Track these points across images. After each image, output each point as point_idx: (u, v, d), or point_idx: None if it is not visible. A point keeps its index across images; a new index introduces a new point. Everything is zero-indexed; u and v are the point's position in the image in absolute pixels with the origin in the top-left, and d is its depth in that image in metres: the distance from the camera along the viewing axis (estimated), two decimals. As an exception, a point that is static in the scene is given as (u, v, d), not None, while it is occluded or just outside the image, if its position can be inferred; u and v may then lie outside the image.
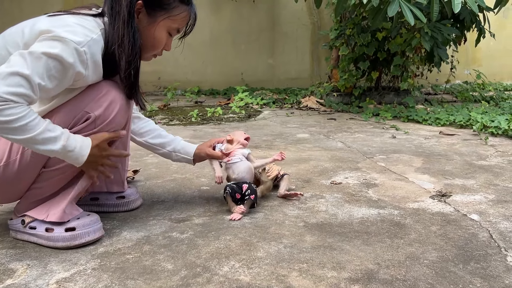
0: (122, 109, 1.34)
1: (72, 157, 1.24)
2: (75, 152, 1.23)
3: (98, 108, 1.29)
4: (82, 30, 1.21)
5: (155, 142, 1.66)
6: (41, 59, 1.14)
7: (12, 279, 1.13)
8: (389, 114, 3.86)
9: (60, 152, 1.21)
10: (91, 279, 1.12)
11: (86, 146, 1.26)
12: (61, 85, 1.21)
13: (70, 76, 1.20)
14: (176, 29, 1.39)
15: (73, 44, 1.17)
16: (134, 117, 1.66)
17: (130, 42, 1.28)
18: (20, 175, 1.29)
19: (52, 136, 1.19)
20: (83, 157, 1.25)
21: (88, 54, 1.21)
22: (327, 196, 1.76)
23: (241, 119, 3.90)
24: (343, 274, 1.14)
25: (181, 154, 1.66)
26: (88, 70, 1.23)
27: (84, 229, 1.31)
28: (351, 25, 4.34)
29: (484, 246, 1.30)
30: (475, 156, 2.43)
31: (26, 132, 1.14)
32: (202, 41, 6.16)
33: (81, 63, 1.20)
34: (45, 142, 1.18)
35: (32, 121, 1.15)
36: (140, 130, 1.66)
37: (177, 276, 1.13)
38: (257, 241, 1.34)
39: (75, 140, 1.24)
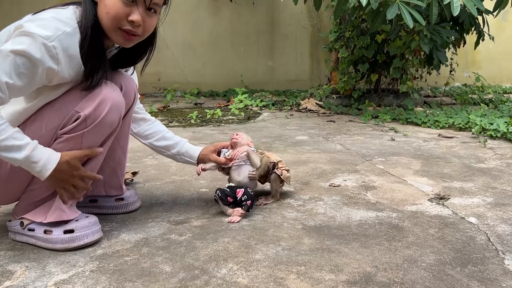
0: (114, 108, 1.30)
1: (35, 169, 1.21)
2: (39, 165, 1.20)
3: (88, 107, 1.26)
4: (55, 24, 1.18)
5: (160, 145, 1.67)
6: (8, 57, 1.12)
7: (10, 281, 1.13)
8: (388, 116, 3.87)
9: (24, 162, 1.18)
10: (89, 281, 1.12)
11: (53, 160, 1.23)
12: (33, 82, 1.17)
13: (40, 72, 1.16)
14: None
15: (41, 39, 1.14)
16: (140, 119, 1.65)
17: (85, 18, 1.23)
18: (13, 175, 1.28)
19: (16, 144, 1.16)
20: (47, 170, 1.22)
21: (59, 49, 1.17)
22: (325, 199, 1.76)
23: (241, 121, 3.91)
24: (341, 276, 1.14)
25: (185, 157, 1.67)
26: (61, 66, 1.19)
27: (83, 231, 1.31)
28: (351, 28, 4.35)
29: (482, 249, 1.30)
30: (473, 159, 2.43)
31: None
32: (201, 42, 6.18)
33: (51, 58, 1.16)
34: (9, 150, 1.15)
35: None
36: (145, 133, 1.66)
37: (175, 279, 1.13)
38: (255, 243, 1.34)
39: (41, 152, 1.21)
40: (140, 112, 1.65)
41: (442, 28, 4.03)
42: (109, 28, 1.25)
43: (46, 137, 1.27)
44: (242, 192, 1.56)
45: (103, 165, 1.55)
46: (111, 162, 1.57)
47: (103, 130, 1.32)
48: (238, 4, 6.18)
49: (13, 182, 1.31)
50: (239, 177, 1.61)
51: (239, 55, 6.36)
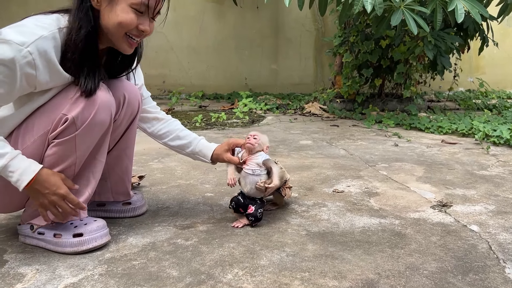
0: (102, 107, 1.29)
1: (12, 178, 1.21)
2: (16, 174, 1.21)
3: (75, 109, 1.26)
4: (32, 30, 1.18)
5: (174, 145, 1.65)
6: None
7: (22, 283, 1.16)
8: (391, 121, 3.89)
9: (1, 171, 1.20)
10: (98, 284, 1.15)
11: (31, 171, 1.23)
12: (14, 89, 1.18)
13: (19, 79, 1.17)
14: (141, 4, 1.26)
15: (16, 46, 1.14)
16: (152, 118, 1.64)
17: (78, 25, 1.23)
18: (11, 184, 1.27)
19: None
20: (23, 181, 1.22)
21: (35, 54, 1.16)
22: (329, 205, 1.79)
23: (245, 124, 3.93)
24: (344, 283, 1.17)
25: (200, 156, 1.65)
26: (39, 71, 1.19)
27: (91, 234, 1.34)
28: (355, 32, 4.37)
29: (483, 258, 1.32)
30: (476, 165, 2.45)
31: None
32: (206, 46, 6.22)
33: (27, 64, 1.16)
34: None
35: None
36: (159, 132, 1.64)
37: (182, 283, 1.16)
38: (260, 249, 1.37)
39: (20, 162, 1.22)
40: (153, 112, 1.64)
41: (446, 34, 4.05)
42: (117, 36, 1.28)
43: (39, 142, 1.28)
44: (252, 210, 1.54)
45: (110, 173, 1.58)
46: (118, 171, 1.59)
47: (94, 131, 1.31)
48: (242, 9, 6.22)
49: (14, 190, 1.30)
50: (245, 188, 1.56)
51: (243, 59, 6.39)
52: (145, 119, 1.64)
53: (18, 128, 1.28)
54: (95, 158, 1.40)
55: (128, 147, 1.58)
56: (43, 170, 1.26)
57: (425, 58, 4.30)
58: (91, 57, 1.28)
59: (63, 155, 1.29)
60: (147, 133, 1.67)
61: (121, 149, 1.56)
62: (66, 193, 1.29)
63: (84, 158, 1.35)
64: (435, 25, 3.45)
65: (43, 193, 1.27)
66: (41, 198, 1.28)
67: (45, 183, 1.26)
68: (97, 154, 1.39)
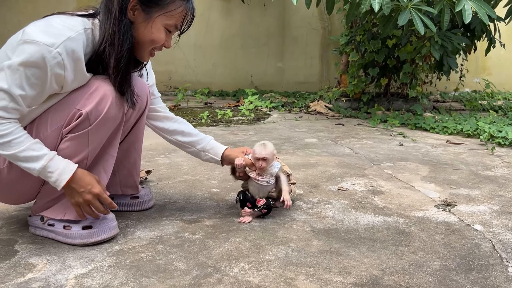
0: (115, 103, 1.32)
1: (51, 178, 1.27)
2: (55, 174, 1.26)
3: (89, 104, 1.29)
4: (60, 31, 1.21)
5: (185, 141, 1.66)
6: (18, 71, 1.18)
7: (32, 273, 1.19)
8: (397, 121, 3.90)
9: (41, 172, 1.25)
10: (107, 275, 1.18)
11: (68, 171, 1.28)
12: (44, 90, 1.23)
13: (49, 79, 1.21)
14: (173, 26, 1.37)
15: (46, 47, 1.18)
16: (163, 117, 1.66)
17: (119, 40, 1.29)
18: (25, 175, 1.32)
19: (34, 155, 1.23)
20: (63, 180, 1.27)
21: (64, 54, 1.20)
22: (334, 202, 1.80)
23: (250, 122, 3.95)
24: (348, 279, 1.19)
25: (210, 154, 1.65)
26: (67, 71, 1.23)
27: (100, 227, 1.36)
28: (362, 32, 4.38)
29: (486, 257, 1.33)
30: (481, 166, 2.46)
31: (9, 149, 1.21)
32: (212, 43, 6.24)
33: (57, 65, 1.20)
34: (27, 160, 1.23)
35: (17, 138, 1.21)
36: (169, 128, 1.66)
37: (189, 276, 1.18)
38: (265, 244, 1.39)
39: (58, 163, 1.27)
40: (162, 111, 1.67)
41: (453, 35, 4.05)
42: (144, 48, 1.37)
43: (52, 137, 1.31)
44: (263, 202, 1.57)
45: (119, 167, 1.61)
46: (127, 164, 1.62)
47: (107, 126, 1.35)
48: (249, 7, 6.23)
49: (27, 183, 1.35)
50: (257, 195, 1.60)
51: (249, 57, 6.40)
52: (155, 117, 1.66)
53: (32, 122, 1.31)
54: (106, 152, 1.42)
55: (137, 141, 1.60)
56: (78, 169, 1.31)
57: (432, 58, 4.30)
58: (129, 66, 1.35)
59: (76, 150, 1.32)
60: (157, 130, 1.68)
61: (130, 142, 1.59)
62: (100, 192, 1.33)
63: (96, 152, 1.38)
64: (442, 26, 3.46)
65: (78, 192, 1.31)
66: (77, 196, 1.32)
67: (80, 182, 1.30)
68: (109, 149, 1.42)
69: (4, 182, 1.33)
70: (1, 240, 1.39)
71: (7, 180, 1.33)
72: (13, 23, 5.51)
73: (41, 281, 1.14)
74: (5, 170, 1.31)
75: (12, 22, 5.59)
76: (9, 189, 1.36)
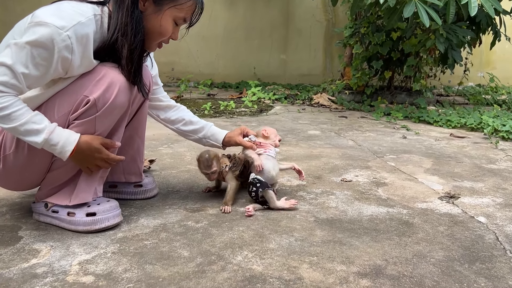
0: (122, 90, 1.33)
1: (55, 151, 1.27)
2: (58, 146, 1.26)
3: (97, 91, 1.29)
4: (70, 15, 1.21)
5: (187, 129, 1.70)
6: (24, 49, 1.17)
7: (37, 258, 1.19)
8: (400, 114, 3.88)
9: (43, 145, 1.24)
10: (111, 262, 1.18)
11: (72, 141, 1.28)
12: (49, 72, 1.22)
13: (55, 61, 1.20)
14: (182, 18, 1.37)
15: (56, 29, 1.17)
16: (165, 106, 1.69)
17: (132, 30, 1.29)
18: (31, 162, 1.33)
19: (35, 128, 1.22)
20: (67, 152, 1.27)
21: (73, 39, 1.20)
22: (337, 193, 1.80)
23: (253, 113, 3.95)
24: (352, 268, 1.19)
25: (211, 141, 1.70)
26: (74, 55, 1.22)
27: (104, 214, 1.36)
28: (366, 24, 4.35)
29: (490, 248, 1.33)
30: (484, 159, 2.45)
31: (9, 122, 1.20)
32: (215, 35, 6.22)
33: (65, 48, 1.20)
34: (28, 134, 1.22)
35: (16, 111, 1.19)
36: (171, 118, 1.69)
37: (193, 263, 1.18)
38: (269, 233, 1.39)
39: (60, 135, 1.26)
40: (164, 100, 1.69)
41: (458, 27, 4.02)
42: (152, 40, 1.38)
43: (59, 123, 1.31)
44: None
45: (123, 153, 1.60)
46: (130, 151, 1.62)
47: (114, 112, 1.35)
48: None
49: (32, 168, 1.35)
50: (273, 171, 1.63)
51: (253, 49, 6.38)
52: (157, 107, 1.68)
53: (39, 107, 1.30)
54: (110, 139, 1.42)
55: (139, 127, 1.60)
56: (82, 138, 1.30)
57: (436, 52, 4.27)
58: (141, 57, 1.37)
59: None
60: (159, 119, 1.71)
61: (133, 129, 1.58)
62: (106, 156, 1.37)
63: None
64: (448, 18, 3.43)
65: (86, 160, 1.34)
66: (84, 163, 1.35)
67: (86, 151, 1.31)
68: (114, 136, 1.42)
69: (9, 168, 1.33)
70: (5, 226, 1.40)
71: (12, 166, 1.33)
72: (16, 12, 5.49)
73: (45, 266, 1.15)
74: (11, 156, 1.31)
75: (15, 11, 5.58)
76: (14, 175, 1.36)
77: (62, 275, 1.11)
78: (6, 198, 1.64)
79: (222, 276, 1.12)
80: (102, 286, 1.06)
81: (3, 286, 1.05)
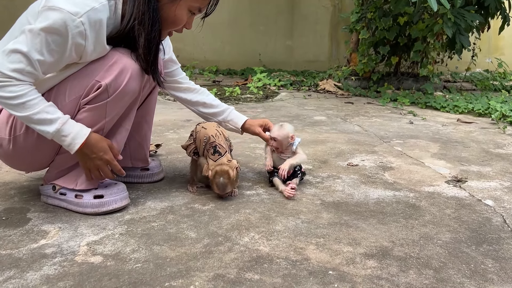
0: (134, 76, 1.33)
1: (65, 142, 1.26)
2: (68, 138, 1.26)
3: (109, 76, 1.29)
4: (84, 1, 1.19)
5: (207, 112, 1.70)
6: (39, 36, 1.16)
7: (45, 239, 1.20)
8: (407, 100, 3.85)
9: (54, 135, 1.24)
10: (119, 243, 1.19)
11: (82, 135, 1.27)
12: (63, 57, 1.22)
13: (69, 47, 1.20)
14: (197, 8, 1.36)
15: (69, 15, 1.16)
16: (184, 89, 1.68)
17: (150, 19, 1.28)
18: (40, 143, 1.33)
19: (48, 118, 1.22)
20: (76, 144, 1.27)
21: (87, 24, 1.19)
22: (343, 177, 1.80)
23: (259, 99, 3.93)
24: (358, 249, 1.19)
25: (230, 125, 1.71)
26: (88, 41, 1.22)
27: (112, 196, 1.37)
28: (373, 9, 4.29)
29: (497, 230, 1.33)
30: (492, 144, 2.43)
31: (23, 110, 1.20)
32: (221, 21, 6.16)
33: (79, 34, 1.19)
34: (41, 123, 1.22)
35: (31, 100, 1.20)
36: (192, 100, 1.69)
37: (200, 244, 1.19)
38: (275, 215, 1.39)
39: (72, 126, 1.26)
40: (183, 82, 1.68)
41: (466, 12, 3.96)
42: (166, 28, 1.36)
43: (70, 106, 1.31)
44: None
45: (130, 139, 1.61)
46: (137, 137, 1.62)
47: (125, 98, 1.34)
48: (259, -17, 6.13)
49: (41, 150, 1.36)
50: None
51: (258, 35, 6.33)
52: (177, 89, 1.68)
53: (50, 91, 1.30)
54: (121, 125, 1.42)
55: (148, 114, 1.60)
56: (92, 134, 1.30)
57: (444, 36, 4.22)
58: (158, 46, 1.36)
59: (93, 121, 1.32)
60: (180, 100, 1.71)
61: (142, 115, 1.59)
62: (110, 159, 1.35)
63: (112, 124, 1.38)
64: (456, 2, 3.38)
65: (90, 157, 1.32)
66: (88, 161, 1.33)
67: (93, 148, 1.31)
68: (124, 122, 1.42)
69: (19, 149, 1.34)
70: (13, 208, 1.41)
71: (22, 147, 1.33)
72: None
73: (54, 247, 1.16)
74: (21, 137, 1.31)
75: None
76: (24, 156, 1.36)
77: (71, 255, 1.12)
78: (14, 181, 1.65)
79: (229, 257, 1.12)
80: (110, 266, 1.07)
81: (13, 265, 1.07)
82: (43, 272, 1.04)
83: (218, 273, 1.05)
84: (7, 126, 1.30)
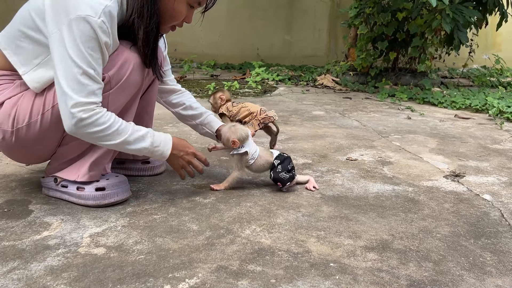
0: (136, 68, 1.34)
1: (158, 152, 1.36)
2: (161, 147, 1.36)
3: (112, 68, 1.29)
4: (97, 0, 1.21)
5: (186, 114, 1.70)
6: (82, 52, 1.18)
7: (48, 231, 1.21)
8: (405, 95, 3.87)
9: (149, 148, 1.33)
10: (121, 235, 1.20)
11: (168, 140, 1.39)
12: (104, 60, 1.25)
13: (103, 48, 1.23)
14: (197, 2, 1.36)
15: (93, 19, 1.18)
16: (170, 90, 1.68)
17: (148, 12, 1.29)
18: (43, 136, 1.33)
19: (140, 134, 1.32)
20: (168, 150, 1.38)
21: (106, 22, 1.21)
22: (342, 171, 1.81)
23: (257, 94, 3.94)
24: (359, 242, 1.20)
25: (206, 128, 1.70)
26: (110, 37, 1.24)
27: (113, 189, 1.38)
28: (372, 4, 4.30)
29: (495, 224, 1.35)
30: (489, 140, 2.45)
31: (118, 137, 1.27)
32: (219, 15, 6.14)
33: (104, 34, 1.21)
34: (137, 141, 1.30)
35: (121, 125, 1.28)
36: (173, 101, 1.69)
37: (202, 236, 1.20)
38: (276, 208, 1.41)
39: (158, 135, 1.37)
40: (170, 84, 1.68)
41: (465, 8, 3.97)
42: (165, 22, 1.37)
43: None
44: None
45: None
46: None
47: (127, 90, 1.35)
48: (257, -24, 6.11)
49: (42, 143, 1.36)
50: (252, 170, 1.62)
51: (256, 29, 6.32)
52: (162, 90, 1.68)
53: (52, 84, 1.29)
54: (123, 117, 1.42)
55: (149, 105, 1.60)
56: (172, 137, 1.42)
57: (442, 32, 4.23)
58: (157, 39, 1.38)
59: None
60: (161, 101, 1.72)
61: (143, 107, 1.59)
62: (195, 151, 1.48)
63: None
64: (455, -2, 3.38)
65: (179, 156, 1.44)
66: (179, 160, 1.45)
67: (178, 147, 1.43)
68: (126, 114, 1.42)
69: (22, 141, 1.34)
70: (15, 200, 1.41)
71: (25, 140, 1.33)
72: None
73: (57, 238, 1.17)
74: (23, 129, 1.31)
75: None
76: (26, 148, 1.36)
77: (74, 246, 1.13)
78: (15, 174, 1.66)
79: (232, 249, 1.14)
80: (114, 257, 1.08)
81: (17, 256, 1.07)
82: (47, 263, 1.05)
83: (220, 264, 1.06)
84: (10, 118, 1.30)
